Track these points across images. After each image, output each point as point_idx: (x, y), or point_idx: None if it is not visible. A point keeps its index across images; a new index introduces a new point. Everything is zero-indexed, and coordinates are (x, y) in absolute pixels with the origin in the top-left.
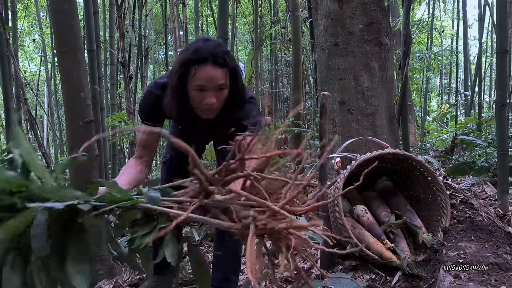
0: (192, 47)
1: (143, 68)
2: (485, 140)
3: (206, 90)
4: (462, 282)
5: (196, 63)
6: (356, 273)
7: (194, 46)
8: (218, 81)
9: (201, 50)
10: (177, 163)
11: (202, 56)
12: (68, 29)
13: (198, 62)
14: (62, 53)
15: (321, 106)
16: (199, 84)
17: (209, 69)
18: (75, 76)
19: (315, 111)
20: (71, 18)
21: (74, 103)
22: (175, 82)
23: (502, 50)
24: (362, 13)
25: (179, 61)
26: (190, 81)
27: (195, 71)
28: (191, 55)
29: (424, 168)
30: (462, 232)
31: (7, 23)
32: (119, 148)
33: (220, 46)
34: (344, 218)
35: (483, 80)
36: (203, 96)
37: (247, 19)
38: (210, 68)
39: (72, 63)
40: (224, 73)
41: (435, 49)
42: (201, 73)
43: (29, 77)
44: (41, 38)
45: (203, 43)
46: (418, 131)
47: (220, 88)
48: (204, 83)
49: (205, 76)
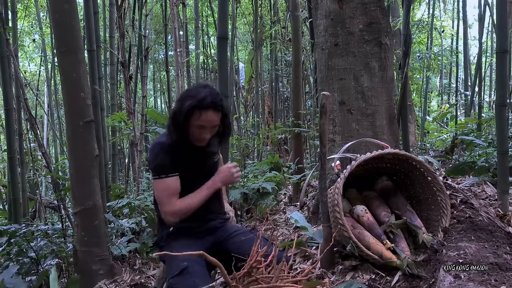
0: (198, 95)
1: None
2: (485, 140)
3: (204, 128)
4: (462, 282)
5: (201, 109)
6: (356, 273)
7: (199, 95)
8: (215, 123)
9: (206, 99)
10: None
11: (206, 104)
12: (68, 29)
13: (203, 108)
14: (62, 53)
15: (321, 106)
16: (201, 124)
17: (210, 114)
18: (75, 76)
19: (315, 111)
20: (71, 18)
21: (74, 103)
22: (180, 121)
23: (502, 50)
24: (362, 13)
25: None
26: (193, 121)
27: (199, 115)
28: (197, 103)
29: (424, 168)
30: (462, 232)
31: (7, 23)
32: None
33: (219, 94)
34: (344, 218)
35: (483, 80)
36: (201, 132)
37: (247, 19)
38: (211, 113)
39: (72, 63)
40: (219, 116)
41: (435, 49)
42: (204, 117)
43: (29, 77)
44: (41, 38)
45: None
46: (418, 131)
47: (215, 127)
48: (204, 124)
49: (206, 119)
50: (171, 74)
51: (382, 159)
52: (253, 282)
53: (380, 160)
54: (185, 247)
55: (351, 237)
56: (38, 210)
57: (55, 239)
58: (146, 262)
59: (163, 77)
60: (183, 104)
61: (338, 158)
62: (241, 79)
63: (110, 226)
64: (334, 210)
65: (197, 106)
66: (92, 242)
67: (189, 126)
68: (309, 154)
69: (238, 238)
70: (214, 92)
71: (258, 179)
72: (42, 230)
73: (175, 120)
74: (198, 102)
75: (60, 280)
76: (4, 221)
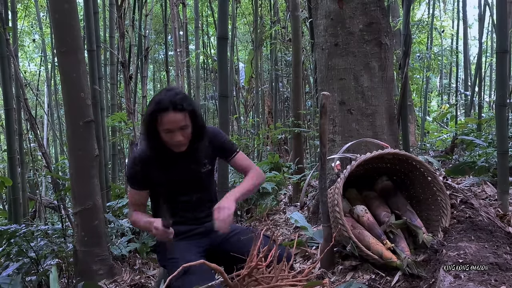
0: (156, 98)
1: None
2: (485, 140)
3: (173, 131)
4: (462, 282)
5: (160, 112)
6: (356, 273)
7: (157, 98)
8: (180, 123)
9: (163, 101)
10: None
11: (164, 106)
12: (68, 29)
13: (161, 111)
14: (62, 53)
15: (321, 106)
16: (166, 128)
17: (171, 115)
18: (75, 76)
19: (315, 111)
20: (71, 18)
21: (74, 103)
22: (148, 129)
23: (502, 50)
24: (362, 13)
25: (147, 112)
26: (159, 126)
27: (161, 118)
28: (155, 106)
29: (424, 168)
30: (462, 232)
31: (7, 23)
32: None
33: (179, 93)
34: (344, 218)
35: (483, 80)
36: (171, 136)
37: (247, 19)
38: (172, 114)
39: (72, 63)
40: (184, 116)
41: (435, 49)
42: (165, 119)
43: (29, 77)
44: (41, 38)
45: (165, 93)
46: (418, 131)
47: (183, 128)
48: (169, 126)
49: (168, 121)
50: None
51: (382, 159)
52: (253, 282)
53: (380, 160)
54: (184, 251)
55: (351, 237)
56: (38, 210)
57: (55, 239)
58: (146, 262)
59: (163, 77)
60: (146, 111)
61: (338, 158)
62: (241, 79)
63: (110, 226)
64: (334, 210)
65: (155, 110)
66: (92, 242)
67: (159, 133)
68: (309, 154)
69: (236, 238)
70: (174, 93)
71: None
72: (42, 230)
73: (144, 131)
74: (156, 105)
75: (60, 280)
76: (4, 221)
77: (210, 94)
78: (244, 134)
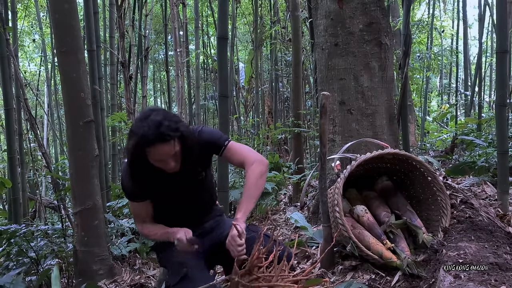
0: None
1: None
2: (485, 140)
3: (163, 161)
4: (462, 282)
5: (147, 146)
6: (356, 273)
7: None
8: (170, 152)
9: (147, 135)
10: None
11: (149, 140)
12: (68, 29)
13: (149, 145)
14: (62, 53)
15: (321, 106)
16: (157, 159)
17: (159, 148)
18: (75, 76)
19: (315, 111)
20: (71, 18)
21: (74, 103)
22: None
23: (502, 50)
24: (362, 13)
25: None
26: (149, 158)
27: (149, 152)
28: (139, 140)
29: (424, 168)
30: (462, 232)
31: (7, 23)
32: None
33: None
34: (344, 218)
35: (483, 80)
36: (164, 164)
37: (247, 19)
38: (160, 147)
39: (72, 63)
40: (173, 144)
41: (435, 49)
42: (154, 153)
43: (29, 77)
44: (41, 38)
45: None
46: (418, 131)
47: (175, 154)
48: (160, 158)
49: (158, 154)
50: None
51: (382, 159)
52: (254, 281)
53: (380, 160)
54: (184, 254)
55: (351, 237)
56: (38, 210)
57: (55, 239)
58: (146, 262)
59: (163, 77)
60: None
61: (338, 158)
62: (241, 79)
63: (110, 226)
64: (334, 210)
65: (141, 144)
66: (92, 242)
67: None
68: (309, 154)
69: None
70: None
71: None
72: (42, 230)
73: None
74: (140, 139)
75: (60, 280)
76: (4, 221)
77: (210, 94)
78: (244, 134)
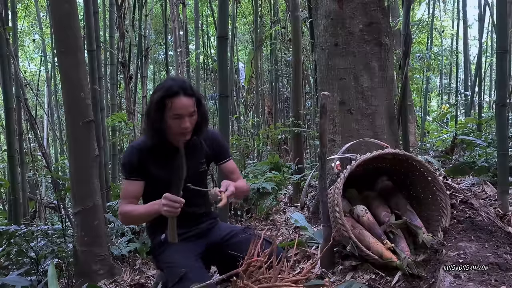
0: (164, 86)
1: (143, 68)
2: (485, 140)
3: (182, 117)
4: (462, 282)
5: (171, 97)
6: (356, 273)
7: (166, 84)
8: (190, 109)
9: (173, 86)
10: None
11: (174, 90)
12: (68, 29)
13: (172, 96)
14: (62, 53)
15: (321, 106)
16: (176, 113)
17: (182, 99)
18: (75, 76)
19: (315, 111)
20: (71, 18)
21: (74, 103)
22: (153, 117)
23: (502, 50)
24: (362, 13)
25: (155, 100)
26: (168, 112)
27: (171, 104)
28: (165, 92)
29: (424, 168)
30: (462, 232)
31: (7, 23)
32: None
33: (186, 81)
34: (344, 218)
35: (483, 80)
36: (180, 122)
37: (247, 19)
38: (184, 99)
39: (72, 63)
40: (193, 102)
41: (435, 49)
42: (176, 104)
43: (29, 77)
44: (41, 38)
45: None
46: (418, 131)
47: (192, 114)
48: (179, 111)
49: (180, 106)
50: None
51: (382, 159)
52: (254, 282)
53: (380, 160)
54: (180, 255)
55: (351, 237)
56: (38, 210)
57: (55, 239)
58: (146, 262)
59: (163, 77)
60: (152, 99)
61: (338, 158)
62: (241, 79)
63: (110, 226)
64: (334, 210)
65: (166, 95)
66: (92, 242)
67: (166, 121)
68: (309, 154)
69: (235, 239)
70: (181, 79)
71: (258, 179)
72: (42, 230)
73: (150, 119)
74: (166, 91)
75: (60, 280)
76: (4, 221)
77: (210, 94)
78: (244, 134)
